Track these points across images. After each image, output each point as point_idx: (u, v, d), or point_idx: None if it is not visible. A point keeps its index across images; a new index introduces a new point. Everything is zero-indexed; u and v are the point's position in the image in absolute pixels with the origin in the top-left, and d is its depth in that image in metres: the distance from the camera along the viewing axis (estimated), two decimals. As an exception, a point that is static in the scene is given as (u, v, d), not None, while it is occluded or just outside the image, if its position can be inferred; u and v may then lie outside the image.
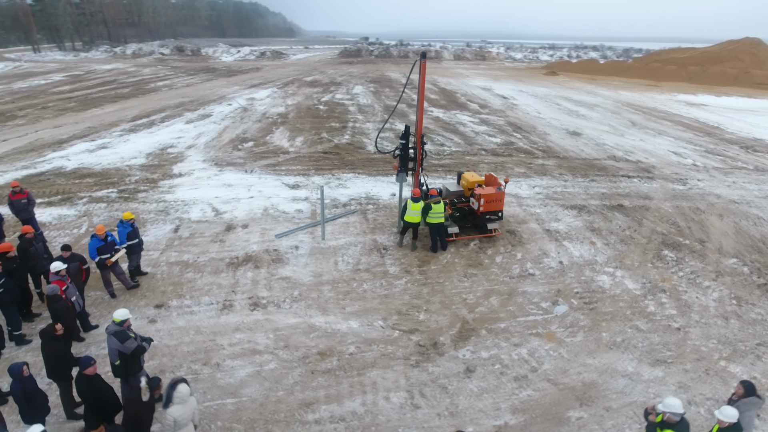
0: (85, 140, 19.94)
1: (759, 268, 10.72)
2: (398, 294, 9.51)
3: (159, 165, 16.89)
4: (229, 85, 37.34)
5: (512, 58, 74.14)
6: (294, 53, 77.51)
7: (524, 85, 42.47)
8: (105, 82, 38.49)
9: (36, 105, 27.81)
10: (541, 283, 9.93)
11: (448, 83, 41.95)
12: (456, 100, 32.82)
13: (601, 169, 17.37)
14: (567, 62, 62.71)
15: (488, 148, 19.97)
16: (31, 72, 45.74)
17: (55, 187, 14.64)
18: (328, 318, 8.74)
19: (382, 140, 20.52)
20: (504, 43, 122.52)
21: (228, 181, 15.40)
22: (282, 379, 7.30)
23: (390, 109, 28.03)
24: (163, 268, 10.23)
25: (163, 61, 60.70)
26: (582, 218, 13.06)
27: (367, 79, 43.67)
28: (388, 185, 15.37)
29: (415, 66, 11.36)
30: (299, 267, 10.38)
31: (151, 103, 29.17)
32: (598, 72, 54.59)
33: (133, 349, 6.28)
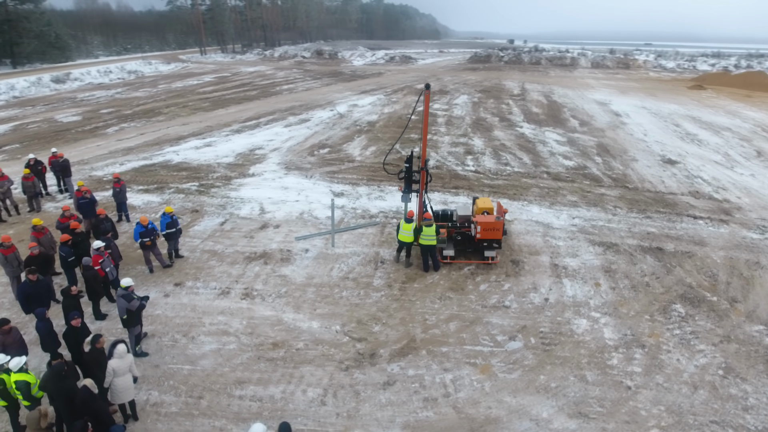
0: (198, 138, 23.94)
1: (784, 341, 9.36)
2: (368, 305, 10.43)
3: (241, 164, 19.78)
4: (343, 91, 40.47)
5: (661, 67, 66.79)
6: (423, 58, 79.50)
7: (653, 100, 38.56)
8: (242, 84, 44.52)
9: (179, 104, 33.66)
10: (510, 317, 10.01)
11: (563, 95, 39.98)
12: (558, 115, 31.43)
13: (668, 206, 15.85)
14: (724, 74, 54.71)
15: (553, 171, 19.31)
16: (191, 72, 54.66)
17: (157, 177, 18.20)
18: (296, 316, 10.06)
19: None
20: (668, 47, 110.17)
21: (287, 184, 17.53)
22: (232, 359, 8.84)
23: (479, 122, 28.16)
24: (197, 254, 12.51)
25: (302, 64, 67.33)
26: (604, 257, 12.42)
27: (478, 88, 43.62)
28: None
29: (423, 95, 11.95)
30: (299, 268, 11.86)
31: (267, 106, 33.27)
32: (763, 87, 46.78)
33: (136, 307, 8.47)
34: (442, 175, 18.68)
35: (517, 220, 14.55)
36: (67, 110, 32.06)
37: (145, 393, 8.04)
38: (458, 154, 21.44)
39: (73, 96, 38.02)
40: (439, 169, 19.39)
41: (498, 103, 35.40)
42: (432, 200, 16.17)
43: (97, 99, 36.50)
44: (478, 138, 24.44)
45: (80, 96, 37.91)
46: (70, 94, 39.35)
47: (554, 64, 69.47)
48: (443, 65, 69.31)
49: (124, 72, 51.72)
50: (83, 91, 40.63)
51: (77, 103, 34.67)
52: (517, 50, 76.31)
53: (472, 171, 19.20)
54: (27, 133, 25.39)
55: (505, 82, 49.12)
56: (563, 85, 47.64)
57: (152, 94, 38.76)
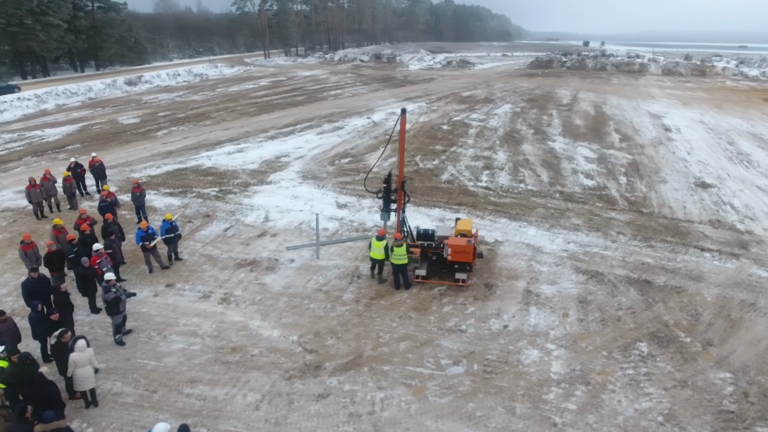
0: (233, 143, 25.59)
1: (747, 393, 8.85)
2: (331, 318, 11.01)
3: (263, 171, 21.01)
4: (387, 98, 41.16)
5: (742, 75, 61.54)
6: (483, 62, 78.34)
7: (716, 113, 35.90)
8: (293, 89, 46.49)
9: (228, 108, 35.90)
10: (462, 341, 10.20)
11: (615, 106, 38.21)
12: (601, 128, 30.23)
13: (678, 234, 15.06)
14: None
15: (568, 190, 18.83)
16: (251, 76, 57.74)
17: (185, 181, 19.81)
18: (262, 323, 10.85)
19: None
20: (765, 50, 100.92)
21: (298, 193, 18.47)
22: (193, 359, 9.76)
23: (511, 135, 27.76)
24: (195, 257, 13.68)
25: (358, 68, 68.83)
26: (584, 286, 12.17)
27: (527, 96, 42.67)
28: (423, 218, 16.35)
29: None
30: (280, 277, 12.66)
31: (309, 112, 34.65)
32: None
33: (111, 299, 9.67)
34: (451, 191, 18.83)
35: (508, 242, 14.50)
36: (130, 112, 35.27)
37: (111, 383, 9.14)
38: (475, 169, 21.42)
39: (139, 98, 41.66)
40: (450, 184, 19.53)
41: (541, 113, 34.55)
42: (430, 216, 16.49)
43: (159, 102, 39.76)
44: (503, 152, 24.19)
45: (146, 98, 41.45)
46: (138, 96, 43.13)
47: (621, 70, 66.09)
48: (500, 70, 68.09)
49: (190, 75, 55.68)
50: (150, 94, 44.35)
51: (141, 106, 37.99)
52: (581, 55, 73.24)
53: (482, 187, 19.16)
54: (90, 134, 28.35)
55: (559, 90, 47.59)
56: (621, 94, 45.41)
57: (208, 98, 41.55)
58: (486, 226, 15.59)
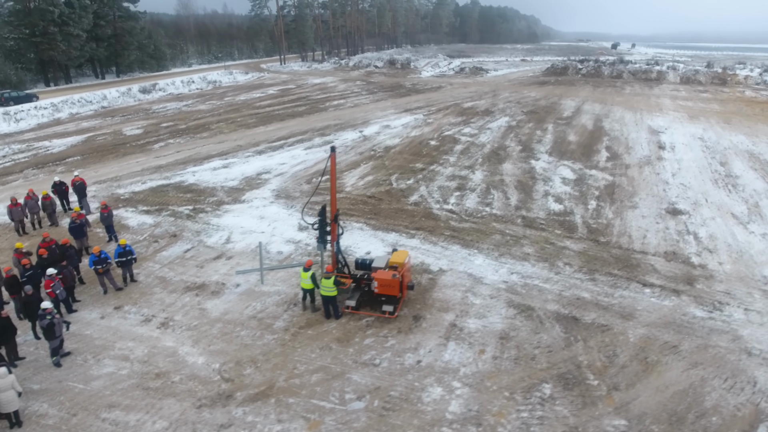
0: (222, 158, 26.52)
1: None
2: (256, 347, 11.60)
3: (241, 189, 21.80)
4: (387, 108, 41.58)
5: (766, 84, 59.41)
6: (497, 69, 77.74)
7: (721, 128, 34.93)
8: (298, 98, 47.41)
9: (229, 119, 37.01)
10: (372, 376, 10.63)
11: (617, 120, 37.60)
12: (593, 145, 29.93)
13: (626, 267, 15.05)
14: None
15: (532, 216, 18.92)
16: (262, 83, 59.04)
17: (164, 198, 20.77)
18: (191, 350, 11.52)
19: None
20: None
21: (266, 213, 19.15)
22: (118, 383, 10.50)
23: (496, 152, 27.82)
24: (150, 279, 14.50)
25: (370, 75, 69.42)
26: (511, 322, 12.40)
27: (529, 108, 42.39)
28: (377, 243, 16.78)
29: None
30: (221, 303, 13.33)
31: (305, 124, 35.42)
32: None
33: (45, 325, 10.51)
34: (416, 213, 19.18)
35: (451, 271, 14.80)
36: (136, 122, 36.78)
37: (39, 404, 9.96)
38: (447, 190, 21.68)
39: (149, 107, 43.31)
40: (417, 206, 19.88)
41: (536, 128, 34.37)
42: (384, 241, 16.90)
43: (166, 111, 41.26)
44: (482, 171, 24.33)
45: (155, 107, 43.06)
46: (148, 104, 44.84)
47: (637, 78, 64.65)
48: (513, 78, 67.53)
49: (204, 82, 57.37)
50: (161, 102, 46.01)
51: (148, 115, 39.54)
52: (598, 62, 71.93)
53: (447, 210, 19.44)
54: (92, 146, 29.81)
55: (565, 100, 47.03)
56: (629, 105, 44.56)
57: (214, 107, 42.85)
58: (436, 253, 15.92)
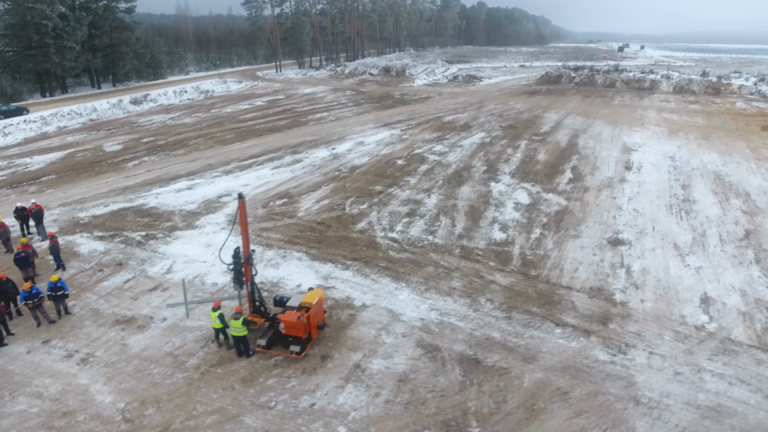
0: (188, 179, 27.20)
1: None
2: (165, 385, 12.16)
3: (197, 213, 22.43)
4: (367, 122, 42.02)
5: (760, 94, 58.70)
6: (491, 77, 77.64)
7: (698, 145, 34.73)
8: (283, 111, 48.06)
9: (209, 135, 37.75)
10: (263, 419, 11.11)
11: (594, 136, 37.62)
12: (559, 164, 30.09)
13: (546, 304, 15.36)
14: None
15: (471, 246, 19.26)
16: (253, 93, 59.85)
17: (122, 222, 21.47)
18: (102, 387, 12.12)
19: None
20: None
21: (213, 241, 19.71)
22: (25, 422, 11.13)
23: (459, 174, 28.11)
24: (84, 312, 15.15)
25: (363, 83, 69.91)
26: (415, 363, 12.81)
27: (508, 122, 42.56)
28: (311, 274, 17.27)
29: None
30: (144, 338, 13.92)
31: (282, 139, 36.02)
32: None
33: None
34: (358, 242, 19.63)
35: (374, 307, 15.23)
36: (119, 137, 37.70)
37: (-52, 442, 10.63)
38: (397, 216, 22.09)
39: (136, 120, 44.29)
40: (362, 234, 20.32)
41: (508, 145, 34.59)
42: (318, 273, 17.36)
43: (150, 125, 42.17)
44: (438, 195, 24.69)
45: (141, 120, 44.02)
46: (136, 117, 45.83)
47: (630, 87, 64.32)
48: (506, 86, 67.53)
49: (197, 92, 58.34)
50: (149, 114, 46.99)
51: (132, 129, 40.47)
52: (592, 70, 71.60)
53: (390, 239, 19.87)
54: (70, 163, 30.71)
55: (549, 113, 47.06)
56: (611, 119, 44.47)
57: (198, 121, 43.68)
58: (364, 287, 16.36)
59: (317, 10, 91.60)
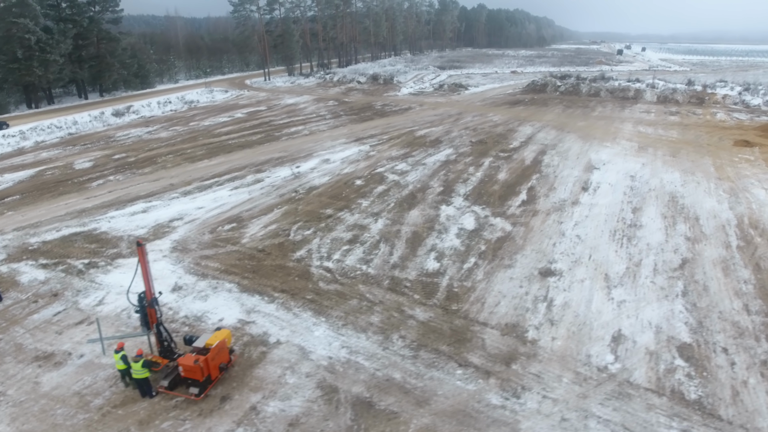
0: (146, 201, 27.71)
1: None
2: (65, 427, 12.62)
3: (145, 239, 22.88)
4: (340, 137, 42.41)
5: (743, 104, 58.50)
6: (477, 85, 77.76)
7: (663, 163, 34.73)
8: (260, 124, 48.58)
9: (179, 151, 38.30)
10: (149, 464, 11.56)
11: (561, 152, 37.79)
12: (516, 185, 30.30)
13: (457, 342, 15.67)
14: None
15: (401, 277, 19.58)
16: (236, 104, 60.45)
17: (69, 249, 22.00)
18: (5, 429, 12.60)
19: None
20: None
21: (152, 270, 20.15)
22: None
23: (413, 195, 28.41)
24: (8, 347, 15.64)
25: (349, 91, 70.30)
26: (309, 406, 13.17)
27: (480, 137, 42.79)
28: (236, 306, 17.68)
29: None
30: (58, 376, 14.40)
31: (251, 156, 36.50)
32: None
33: None
34: (292, 272, 20.01)
35: (287, 344, 15.62)
36: (92, 153, 38.36)
37: None
38: (338, 243, 22.45)
39: (113, 134, 44.96)
40: (298, 263, 20.71)
41: (472, 163, 34.83)
42: (244, 306, 17.75)
43: (126, 140, 42.82)
44: (384, 220, 25.01)
45: (119, 135, 44.69)
46: (115, 130, 46.52)
47: (615, 96, 64.30)
48: (490, 96, 67.65)
49: (181, 102, 59.02)
50: (128, 128, 47.68)
51: (107, 144, 41.13)
52: (579, 79, 71.50)
53: (324, 269, 20.23)
54: (37, 182, 31.36)
55: (524, 126, 47.22)
56: (585, 133, 44.55)
57: (173, 135, 44.28)
58: (284, 321, 16.75)
59: (308, 17, 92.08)
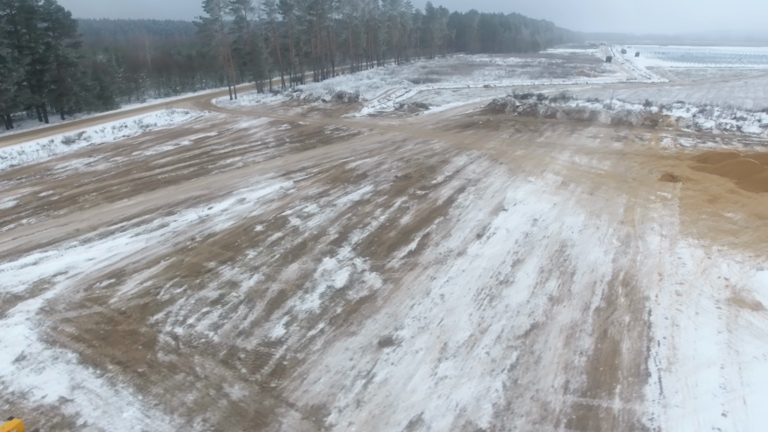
0: (42, 250, 28.43)
1: None
2: None
3: (18, 298, 23.56)
4: (270, 171, 42.92)
5: (696, 127, 58.20)
6: (440, 104, 77.83)
7: (576, 203, 34.73)
8: (201, 153, 49.25)
9: (104, 188, 39.02)
10: None
11: (481, 189, 38.00)
12: (415, 231, 30.59)
13: (254, 427, 16.13)
14: (731, 154, 46.58)
15: (240, 346, 20.01)
16: (190, 128, 61.15)
17: (-62, 310, 22.74)
18: None
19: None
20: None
21: (5, 337, 20.86)
22: None
23: (304, 245, 28.88)
24: None
25: (310, 112, 70.79)
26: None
27: (409, 169, 43.09)
28: (67, 383, 18.25)
29: None
30: None
31: (172, 195, 37.15)
32: (758, 183, 39.16)
33: None
34: (140, 339, 20.54)
35: (92, 427, 16.19)
36: (23, 189, 39.25)
37: None
38: (200, 304, 22.95)
39: (53, 166, 45.87)
40: (150, 329, 21.23)
41: (382, 204, 35.16)
42: (73, 381, 18.32)
43: (63, 173, 43.66)
44: (260, 275, 25.45)
45: (57, 167, 45.58)
46: (57, 161, 47.45)
47: (570, 117, 64.28)
48: (446, 117, 67.77)
49: (137, 127, 59.88)
50: (72, 158, 48.57)
51: (42, 178, 42.01)
52: (540, 98, 71.41)
53: (171, 335, 20.72)
54: (-51, 227, 32.23)
55: (461, 156, 47.44)
56: (517, 164, 44.67)
57: (111, 167, 45.07)
58: (103, 399, 17.29)
59: (280, 33, 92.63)
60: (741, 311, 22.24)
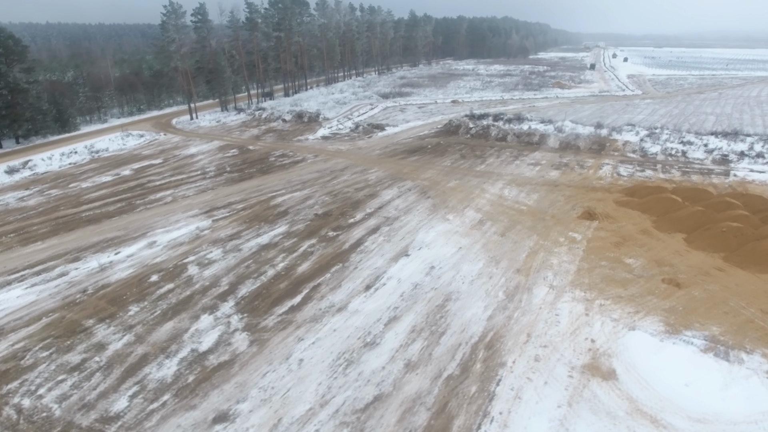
0: (-70, 306, 28.93)
1: None
2: None
3: None
4: (195, 207, 43.28)
5: (642, 152, 58.08)
6: (398, 124, 77.93)
7: (482, 247, 34.89)
8: (135, 186, 49.68)
9: (23, 229, 39.51)
10: None
11: (395, 229, 38.15)
12: (309, 280, 30.84)
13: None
14: (659, 187, 46.51)
15: (76, 422, 20.35)
16: (137, 155, 61.60)
17: None
18: None
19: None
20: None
21: None
22: None
23: (187, 301, 29.21)
24: None
25: (265, 134, 71.11)
26: None
27: (332, 205, 43.32)
28: None
29: None
30: None
31: (87, 237, 37.57)
32: (679, 224, 39.09)
33: None
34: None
35: None
36: (-55, 230, 39.83)
37: None
38: (59, 371, 23.19)
39: (-15, 201, 46.52)
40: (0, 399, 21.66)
41: (287, 249, 35.39)
42: None
43: (-10, 210, 44.31)
44: (130, 336, 25.73)
45: (-11, 202, 46.21)
46: (-8, 195, 48.11)
47: (521, 141, 64.31)
48: (397, 140, 67.75)
49: (87, 153, 60.44)
50: (6, 192, 49.01)
51: (-33, 217, 42.63)
52: (495, 119, 71.40)
53: (14, 408, 21.08)
54: None
55: (390, 189, 47.57)
56: (443, 198, 44.74)
57: (39, 203, 45.57)
58: None
59: (246, 49, 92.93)
60: (591, 381, 22.36)
